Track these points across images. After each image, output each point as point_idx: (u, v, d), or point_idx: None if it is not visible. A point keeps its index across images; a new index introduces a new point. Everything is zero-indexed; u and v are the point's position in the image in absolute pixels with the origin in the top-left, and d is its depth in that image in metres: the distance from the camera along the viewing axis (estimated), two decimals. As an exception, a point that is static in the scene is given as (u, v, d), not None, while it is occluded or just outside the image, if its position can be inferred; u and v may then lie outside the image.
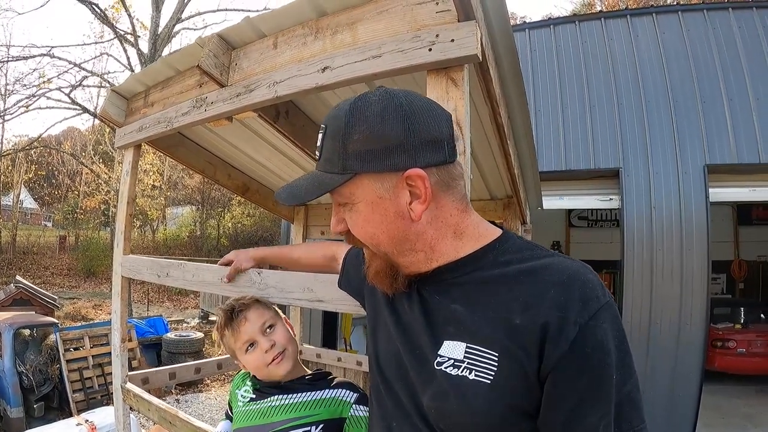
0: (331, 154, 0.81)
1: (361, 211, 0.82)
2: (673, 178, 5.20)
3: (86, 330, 6.95)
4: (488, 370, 0.74)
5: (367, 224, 0.83)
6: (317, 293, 1.40)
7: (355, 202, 0.82)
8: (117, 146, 2.27)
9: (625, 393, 0.71)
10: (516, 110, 2.04)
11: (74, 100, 14.54)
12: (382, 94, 0.80)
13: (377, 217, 0.81)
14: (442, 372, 0.78)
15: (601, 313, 0.71)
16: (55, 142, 23.72)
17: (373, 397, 0.98)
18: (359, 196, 0.81)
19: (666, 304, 5.01)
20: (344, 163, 0.79)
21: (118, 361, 2.12)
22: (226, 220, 27.41)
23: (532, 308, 0.73)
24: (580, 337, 0.69)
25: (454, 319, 0.80)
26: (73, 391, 6.30)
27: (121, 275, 2.16)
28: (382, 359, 0.94)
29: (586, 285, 0.73)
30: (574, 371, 0.69)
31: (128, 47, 13.93)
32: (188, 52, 1.74)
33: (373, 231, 0.83)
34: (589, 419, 0.70)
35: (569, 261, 0.79)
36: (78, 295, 18.63)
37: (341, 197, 0.83)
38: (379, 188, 0.79)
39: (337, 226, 0.88)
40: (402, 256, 0.85)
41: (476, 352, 0.76)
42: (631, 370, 0.73)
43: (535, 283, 0.75)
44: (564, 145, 5.73)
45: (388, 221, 0.81)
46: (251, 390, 1.41)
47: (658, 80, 5.44)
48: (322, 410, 1.32)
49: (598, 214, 11.75)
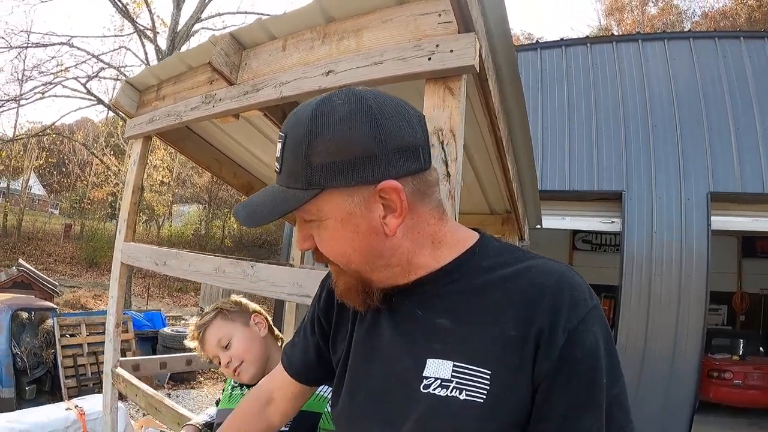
0: (293, 166, 0.71)
1: (329, 228, 0.74)
2: (675, 204, 5.21)
3: (84, 318, 7.02)
4: (480, 389, 0.69)
5: (337, 242, 0.75)
6: (306, 289, 1.43)
7: (322, 219, 0.73)
8: (126, 136, 2.33)
9: (613, 395, 0.69)
10: (516, 126, 2.08)
11: (90, 91, 14.72)
12: (347, 96, 0.72)
13: (348, 234, 0.73)
14: (429, 395, 0.72)
15: (590, 317, 0.69)
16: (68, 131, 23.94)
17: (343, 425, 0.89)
18: (327, 213, 0.73)
19: (661, 332, 5.00)
20: (308, 178, 0.70)
21: (110, 346, 2.16)
22: (232, 222, 27.47)
23: (525, 317, 0.70)
24: (570, 344, 0.67)
25: (439, 336, 0.75)
26: (65, 376, 6.35)
27: (120, 261, 2.21)
28: (356, 386, 0.85)
29: (574, 288, 0.71)
30: (565, 378, 0.67)
31: (147, 43, 14.12)
32: (202, 49, 1.80)
33: (344, 249, 0.75)
34: (582, 425, 0.68)
35: (552, 262, 0.76)
36: (79, 284, 18.73)
37: (307, 214, 0.75)
38: (349, 203, 0.71)
39: (304, 243, 0.79)
40: (376, 273, 0.78)
41: (465, 370, 0.71)
42: (619, 372, 0.71)
43: (525, 288, 0.72)
44: (569, 164, 5.76)
45: (359, 238, 0.74)
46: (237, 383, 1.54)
47: (665, 105, 5.48)
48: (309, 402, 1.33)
49: (602, 239, 11.74)
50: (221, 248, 24.78)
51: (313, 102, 0.73)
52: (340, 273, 0.80)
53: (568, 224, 6.05)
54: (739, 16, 20.74)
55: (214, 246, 25.28)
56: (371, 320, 0.85)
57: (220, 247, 24.99)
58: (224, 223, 27.30)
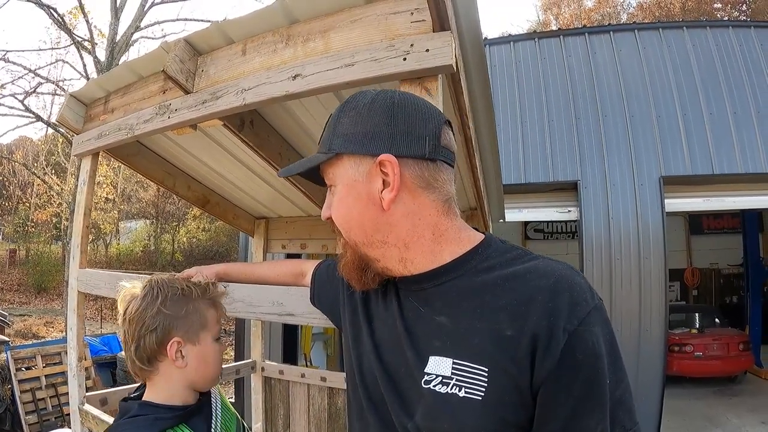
0: (325, 136, 0.84)
1: (338, 193, 0.83)
2: (630, 190, 5.38)
3: (38, 348, 6.68)
4: (478, 386, 0.71)
5: (342, 206, 0.83)
6: (287, 307, 1.36)
7: (335, 183, 0.84)
8: (74, 154, 2.17)
9: (617, 396, 0.69)
10: (482, 123, 2.06)
11: (28, 108, 13.90)
12: (378, 90, 0.84)
13: (351, 201, 0.82)
14: (430, 390, 0.75)
15: (591, 317, 0.69)
16: (6, 151, 22.67)
17: (353, 412, 0.94)
18: (339, 178, 0.83)
19: (626, 313, 5.15)
20: (330, 143, 0.82)
21: (75, 381, 2.01)
22: (181, 235, 26.66)
23: (520, 317, 0.70)
24: (570, 345, 0.67)
25: (439, 333, 0.77)
26: (26, 412, 6.02)
27: (77, 290, 2.06)
28: (366, 376, 0.90)
29: (574, 289, 0.71)
30: (567, 380, 0.68)
31: (85, 54, 13.48)
32: (152, 57, 1.69)
33: (347, 214, 0.83)
34: (585, 427, 0.68)
35: (554, 263, 0.77)
36: (29, 311, 17.82)
37: (327, 178, 0.86)
38: (355, 171, 0.81)
39: (326, 211, 0.87)
40: (372, 248, 0.83)
41: (464, 367, 0.73)
42: (623, 372, 0.72)
43: (522, 289, 0.73)
44: (523, 158, 5.86)
45: (360, 206, 0.81)
46: None
47: (614, 96, 5.65)
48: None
49: (554, 227, 12.09)
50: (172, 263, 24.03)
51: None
52: (345, 246, 0.87)
53: (526, 216, 6.16)
54: (673, 5, 21.75)
55: (165, 261, 24.49)
56: (377, 314, 0.91)
57: (171, 262, 24.21)
58: (173, 237, 26.47)
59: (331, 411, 3.00)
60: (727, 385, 7.89)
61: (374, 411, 0.86)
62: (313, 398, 3.08)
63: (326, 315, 1.20)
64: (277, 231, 3.39)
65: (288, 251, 3.39)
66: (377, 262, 0.84)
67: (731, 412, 6.52)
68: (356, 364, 0.93)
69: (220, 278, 1.51)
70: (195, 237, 26.53)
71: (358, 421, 0.91)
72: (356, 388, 0.91)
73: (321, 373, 3.12)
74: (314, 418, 3.07)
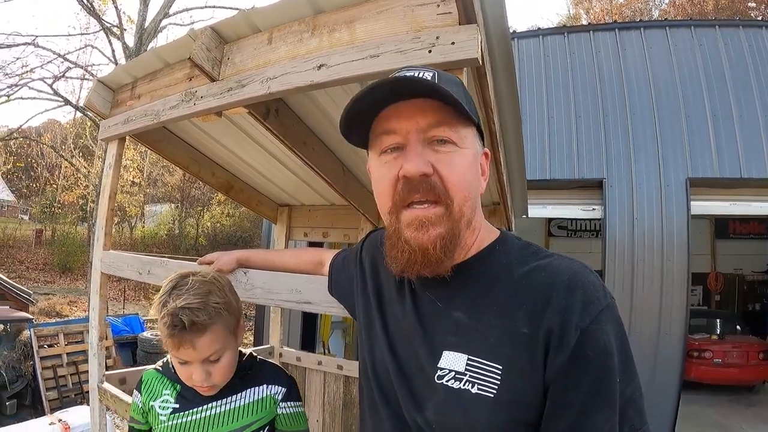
0: (456, 90, 0.75)
1: (467, 157, 0.78)
2: (655, 190, 5.28)
3: (61, 327, 6.86)
4: (491, 383, 0.71)
5: (469, 173, 0.78)
6: (305, 295, 1.37)
7: (464, 146, 0.77)
8: (101, 138, 2.21)
9: (628, 395, 0.69)
10: (508, 118, 2.04)
11: (56, 92, 14.22)
12: None
13: (475, 172, 0.80)
14: (443, 386, 0.74)
15: (603, 315, 0.69)
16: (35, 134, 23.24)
17: (365, 405, 0.93)
18: (469, 144, 0.79)
19: (646, 314, 5.07)
20: (470, 106, 0.78)
21: (95, 360, 2.06)
22: (206, 220, 27.08)
23: (536, 316, 0.71)
24: (582, 342, 0.68)
25: (455, 328, 0.77)
26: (46, 389, 6.19)
27: (100, 271, 2.10)
28: (378, 367, 0.89)
29: (587, 287, 0.72)
30: (577, 376, 0.68)
31: (114, 40, 13.69)
32: (179, 44, 1.71)
33: (471, 181, 0.79)
34: (594, 424, 0.68)
35: (569, 261, 0.77)
36: (53, 290, 18.28)
37: (454, 133, 0.76)
38: (479, 147, 0.82)
39: (425, 167, 0.74)
40: (467, 228, 0.79)
41: (479, 364, 0.72)
42: (634, 371, 0.71)
43: (537, 286, 0.73)
44: (549, 154, 5.78)
45: (477, 181, 0.81)
46: (172, 398, 1.23)
47: (643, 93, 5.53)
48: (265, 412, 1.26)
49: (578, 225, 11.91)
50: (195, 247, 24.47)
51: None
52: (441, 220, 0.76)
53: (550, 212, 6.09)
54: (706, 3, 21.16)
55: (188, 245, 24.93)
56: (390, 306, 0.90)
57: (194, 246, 24.65)
58: (197, 221, 26.88)
59: (346, 399, 3.03)
60: (744, 394, 7.73)
61: (386, 405, 0.85)
62: (329, 386, 3.11)
63: (342, 305, 1.21)
64: (299, 219, 3.40)
65: (310, 239, 3.41)
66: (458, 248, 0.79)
67: (746, 422, 6.38)
68: (369, 357, 0.92)
69: (240, 264, 1.53)
70: (219, 222, 26.91)
71: (370, 415, 0.91)
72: (369, 381, 0.91)
73: (337, 361, 3.13)
74: (329, 405, 3.10)
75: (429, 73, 0.76)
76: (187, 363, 1.15)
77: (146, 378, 1.30)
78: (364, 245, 1.10)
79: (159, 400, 1.24)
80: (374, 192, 0.83)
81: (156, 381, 1.28)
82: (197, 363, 1.14)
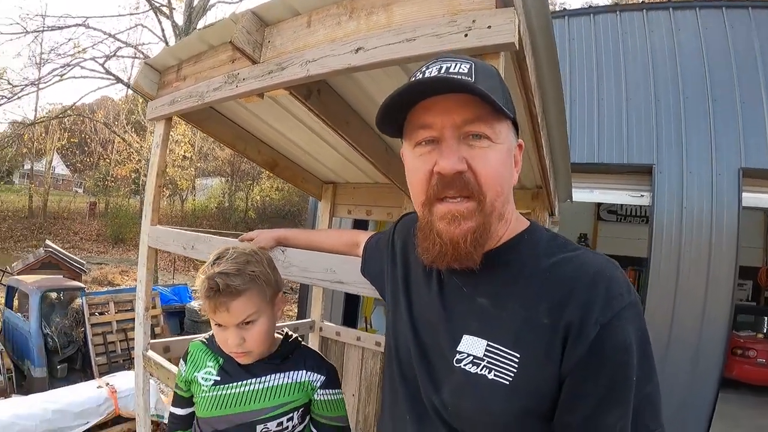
0: (493, 85, 0.76)
1: (501, 152, 0.78)
2: (706, 179, 5.04)
3: (112, 296, 7.17)
4: (508, 371, 0.72)
5: (503, 168, 0.79)
6: (339, 275, 1.41)
7: (498, 141, 0.77)
8: (148, 118, 2.30)
9: (644, 395, 0.69)
10: (551, 101, 1.99)
11: (108, 70, 14.77)
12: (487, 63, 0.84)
13: (509, 167, 0.80)
14: (461, 369, 0.76)
15: (624, 312, 0.69)
16: (88, 111, 24.21)
17: (386, 381, 0.97)
18: (504, 138, 0.78)
19: (690, 305, 4.90)
20: (506, 102, 0.78)
21: (140, 329, 2.18)
22: (255, 194, 27.73)
23: (558, 307, 0.71)
24: (601, 337, 0.67)
25: (477, 314, 0.78)
26: (96, 354, 6.53)
27: (147, 245, 2.21)
28: (400, 348, 0.92)
29: (611, 282, 0.71)
30: (594, 371, 0.68)
31: (163, 19, 14.05)
32: (222, 27, 1.75)
33: (505, 176, 0.79)
34: (606, 420, 0.68)
35: (595, 256, 0.76)
36: (105, 260, 19.20)
37: (489, 129, 0.76)
38: (513, 140, 0.81)
39: (459, 164, 0.75)
40: (498, 221, 0.80)
41: (498, 351, 0.73)
42: (653, 372, 0.70)
43: (562, 279, 0.73)
44: (597, 137, 5.59)
45: (509, 176, 0.81)
46: (215, 370, 1.30)
47: (697, 77, 5.25)
48: (300, 395, 1.31)
49: (628, 210, 11.45)
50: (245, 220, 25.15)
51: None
52: (472, 214, 0.77)
53: (597, 197, 5.89)
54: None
55: (238, 218, 25.63)
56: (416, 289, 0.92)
57: (244, 219, 25.33)
58: (247, 195, 27.53)
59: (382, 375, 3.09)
60: (788, 398, 7.37)
61: (405, 385, 0.88)
62: (366, 362, 3.17)
63: (373, 286, 1.23)
64: (343, 196, 3.44)
65: (353, 216, 3.44)
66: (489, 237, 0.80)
67: (789, 427, 6.10)
68: (393, 337, 0.95)
69: (279, 243, 1.58)
70: (268, 196, 27.52)
71: (389, 392, 0.94)
72: (391, 361, 0.94)
73: (376, 337, 3.19)
74: (365, 381, 3.17)
75: (466, 64, 0.76)
76: (223, 327, 1.22)
77: (192, 349, 1.37)
78: (396, 228, 1.12)
79: (202, 371, 1.31)
80: (408, 182, 0.84)
81: (201, 353, 1.35)
82: (232, 327, 1.20)
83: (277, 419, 1.26)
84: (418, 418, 0.84)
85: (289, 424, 1.29)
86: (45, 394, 4.69)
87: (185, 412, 1.35)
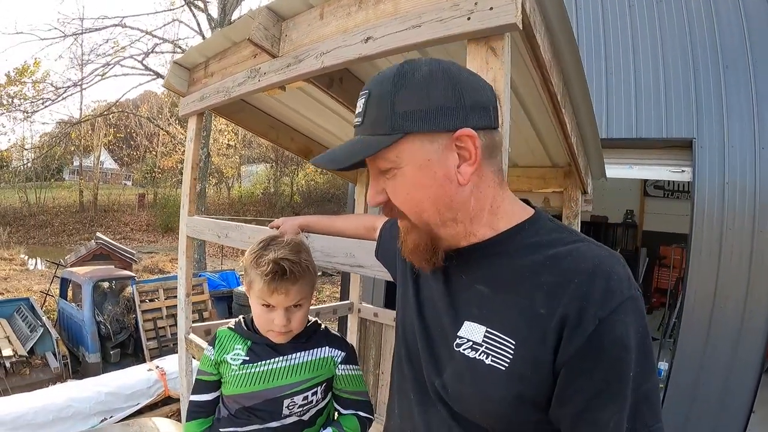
0: (378, 116, 0.77)
1: (406, 175, 0.78)
2: (749, 154, 4.80)
3: (161, 283, 7.51)
4: (504, 357, 0.73)
5: (414, 190, 0.78)
6: (358, 259, 1.46)
7: (400, 166, 0.77)
8: (181, 114, 2.41)
9: (642, 392, 0.68)
10: (573, 77, 1.96)
11: (147, 67, 15.19)
12: (428, 60, 0.79)
13: (425, 182, 0.77)
14: (460, 354, 0.78)
15: (624, 306, 0.68)
16: (132, 106, 25.06)
17: (395, 364, 1.00)
18: (406, 159, 0.77)
19: (732, 287, 4.71)
20: (393, 124, 0.75)
21: (182, 314, 2.31)
22: (300, 178, 28.05)
23: (554, 298, 0.70)
24: (599, 331, 0.67)
25: (477, 301, 0.79)
26: (147, 339, 6.88)
27: (186, 235, 2.33)
28: (407, 331, 0.95)
29: (612, 276, 0.70)
30: (590, 365, 0.67)
31: (198, 13, 14.32)
32: (243, 23, 1.81)
33: (420, 197, 0.78)
34: (600, 415, 0.68)
35: (597, 248, 0.75)
36: (156, 249, 19.97)
37: (385, 162, 0.79)
38: (428, 149, 0.76)
39: (377, 197, 0.83)
40: (444, 227, 0.81)
41: (495, 337, 0.75)
42: (652, 369, 0.69)
43: (561, 270, 0.73)
44: (636, 111, 5.39)
45: (435, 186, 0.77)
46: (243, 351, 1.38)
47: (737, 44, 4.97)
48: (323, 370, 1.40)
49: (675, 185, 10.99)
50: (291, 205, 25.51)
51: (395, 65, 0.79)
52: (410, 230, 0.84)
53: (636, 173, 5.68)
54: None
55: (284, 203, 26.02)
56: (422, 276, 0.94)
57: (290, 204, 25.68)
58: (292, 180, 27.91)
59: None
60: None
61: (410, 366, 0.92)
62: (403, 342, 3.24)
63: (387, 269, 1.28)
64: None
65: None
66: (445, 240, 0.83)
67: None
68: (400, 319, 1.00)
69: (302, 229, 1.66)
70: (313, 180, 27.80)
71: (397, 373, 0.98)
72: (399, 343, 0.98)
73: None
74: (402, 361, 3.24)
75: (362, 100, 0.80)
76: (273, 308, 1.31)
77: (220, 335, 1.46)
78: None
79: (231, 354, 1.39)
80: None
81: (228, 338, 1.43)
82: (282, 309, 1.30)
83: (302, 393, 1.36)
84: (420, 399, 0.87)
85: (313, 398, 1.38)
86: (98, 377, 5.00)
87: (209, 398, 1.43)
